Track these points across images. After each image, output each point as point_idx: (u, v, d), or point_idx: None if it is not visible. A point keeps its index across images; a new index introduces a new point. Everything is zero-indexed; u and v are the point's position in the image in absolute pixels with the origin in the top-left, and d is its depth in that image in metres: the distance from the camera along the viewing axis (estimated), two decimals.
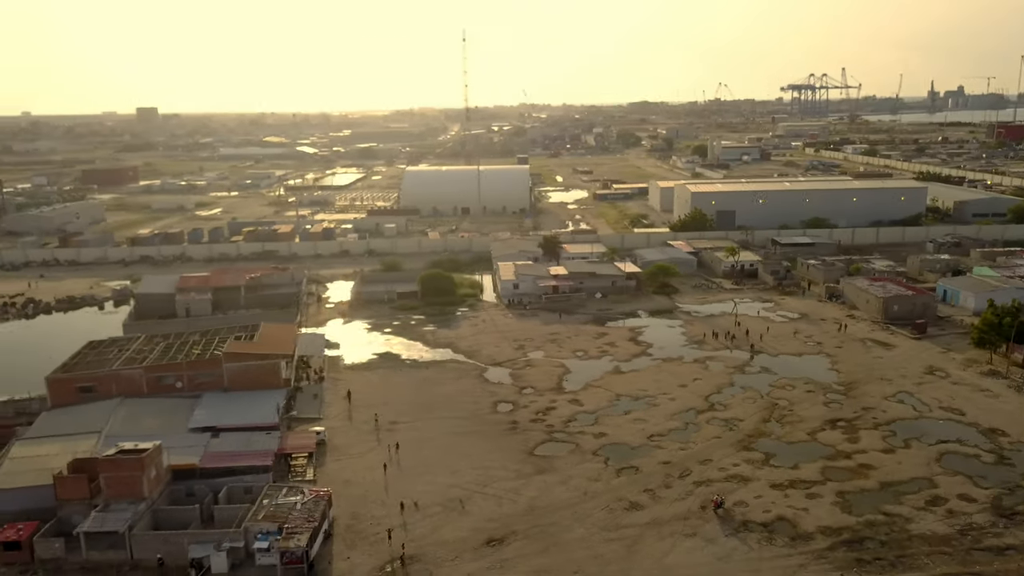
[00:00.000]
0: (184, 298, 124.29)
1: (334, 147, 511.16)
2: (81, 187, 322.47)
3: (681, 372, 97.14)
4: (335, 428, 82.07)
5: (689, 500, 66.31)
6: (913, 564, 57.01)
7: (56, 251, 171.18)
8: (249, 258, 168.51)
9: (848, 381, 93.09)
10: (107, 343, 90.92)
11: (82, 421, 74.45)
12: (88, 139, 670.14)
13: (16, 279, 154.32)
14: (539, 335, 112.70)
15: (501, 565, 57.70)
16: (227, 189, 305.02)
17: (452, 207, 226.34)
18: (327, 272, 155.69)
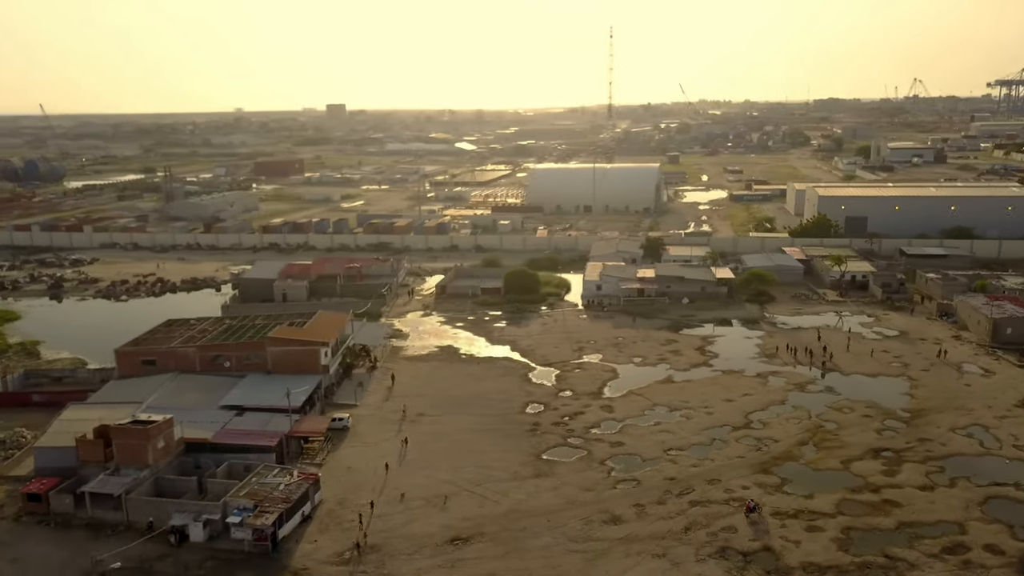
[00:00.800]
0: (282, 284, 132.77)
1: (492, 144, 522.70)
2: (252, 177, 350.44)
3: (735, 385, 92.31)
4: (365, 416, 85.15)
5: (676, 520, 63.32)
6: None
7: (199, 236, 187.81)
8: (365, 249, 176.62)
9: (918, 408, 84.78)
10: (180, 322, 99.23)
11: (135, 391, 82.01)
12: (277, 133, 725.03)
13: (159, 260, 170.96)
14: (604, 338, 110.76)
15: (453, 564, 57.93)
16: (378, 183, 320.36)
17: (575, 205, 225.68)
18: (430, 265, 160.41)
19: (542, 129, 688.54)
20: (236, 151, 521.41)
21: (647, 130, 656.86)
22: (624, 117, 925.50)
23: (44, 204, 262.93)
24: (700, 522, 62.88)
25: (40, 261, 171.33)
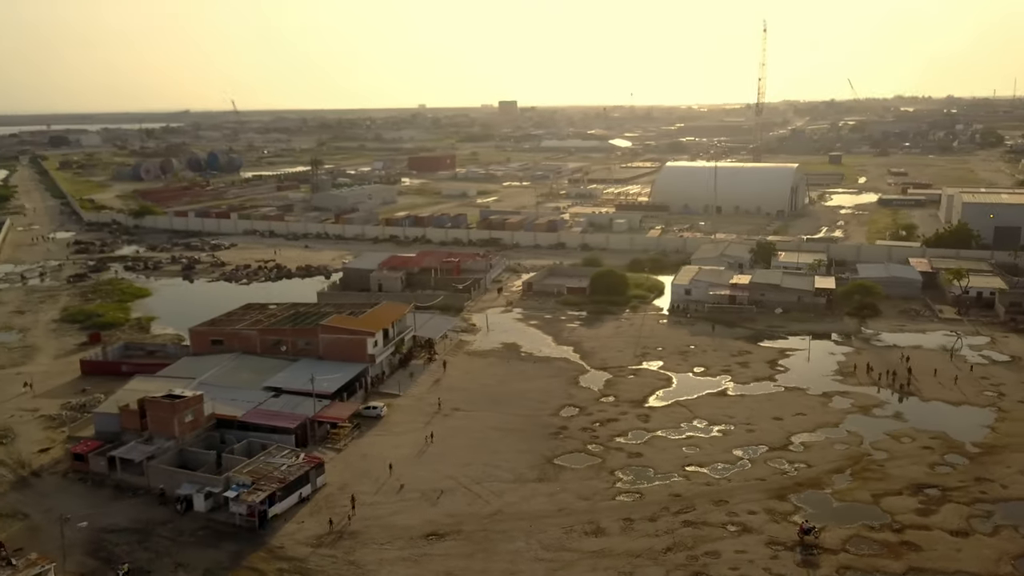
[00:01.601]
0: (378, 275, 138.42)
1: (647, 141, 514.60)
2: (405, 172, 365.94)
3: (792, 403, 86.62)
4: (403, 406, 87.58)
5: (660, 539, 60.69)
6: None
7: (328, 226, 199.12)
8: (476, 244, 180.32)
9: (992, 444, 76.03)
10: (257, 306, 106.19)
11: (197, 368, 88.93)
12: (446, 129, 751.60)
13: (290, 247, 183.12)
14: (674, 345, 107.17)
15: (417, 559, 58.75)
16: (519, 179, 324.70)
17: (703, 205, 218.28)
18: (531, 262, 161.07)
19: (709, 126, 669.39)
20: (402, 146, 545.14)
21: (822, 127, 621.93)
22: (804, 114, 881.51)
23: (212, 192, 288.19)
24: (685, 543, 59.92)
25: (186, 244, 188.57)
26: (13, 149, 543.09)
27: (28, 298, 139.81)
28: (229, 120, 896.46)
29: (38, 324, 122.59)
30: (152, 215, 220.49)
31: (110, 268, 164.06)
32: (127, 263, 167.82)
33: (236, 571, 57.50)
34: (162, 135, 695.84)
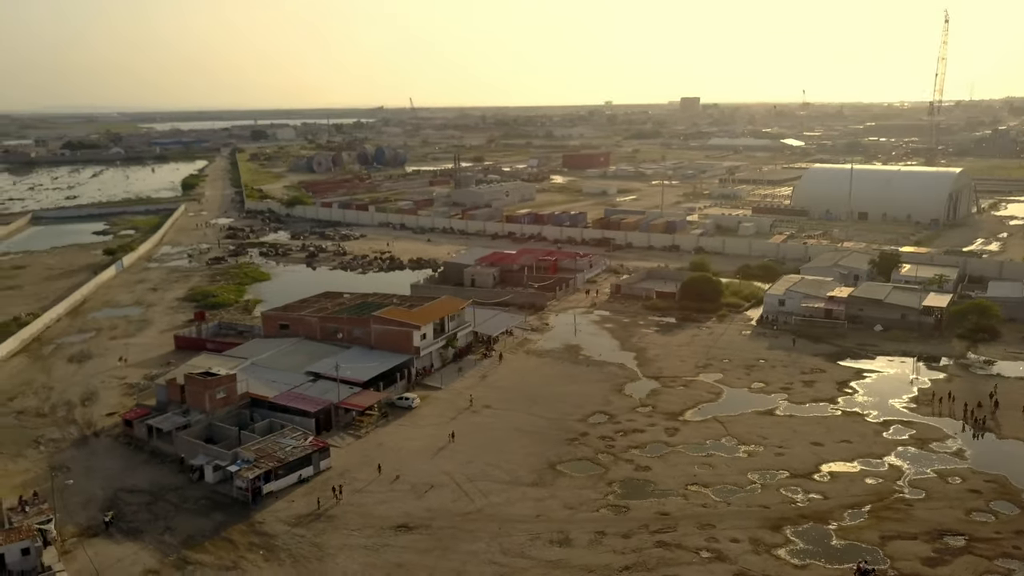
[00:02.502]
0: (471, 270, 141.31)
1: (822, 140, 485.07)
2: (557, 169, 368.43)
3: (841, 429, 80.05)
4: (438, 399, 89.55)
5: (624, 557, 58.61)
6: None
7: (453, 221, 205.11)
8: (588, 243, 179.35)
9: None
10: (333, 294, 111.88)
11: (259, 349, 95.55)
12: (618, 127, 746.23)
13: (409, 240, 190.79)
14: (743, 358, 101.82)
15: (377, 548, 60.32)
16: (668, 178, 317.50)
17: (847, 211, 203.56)
18: (636, 264, 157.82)
19: (902, 125, 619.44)
20: (567, 143, 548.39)
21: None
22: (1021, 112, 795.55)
23: (368, 185, 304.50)
24: (646, 564, 57.51)
25: (321, 233, 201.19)
26: (219, 142, 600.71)
27: (167, 277, 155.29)
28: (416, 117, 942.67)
29: (163, 301, 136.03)
30: (302, 205, 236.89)
31: (247, 253, 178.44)
32: (263, 249, 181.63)
33: (213, 540, 61.75)
34: (350, 130, 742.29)
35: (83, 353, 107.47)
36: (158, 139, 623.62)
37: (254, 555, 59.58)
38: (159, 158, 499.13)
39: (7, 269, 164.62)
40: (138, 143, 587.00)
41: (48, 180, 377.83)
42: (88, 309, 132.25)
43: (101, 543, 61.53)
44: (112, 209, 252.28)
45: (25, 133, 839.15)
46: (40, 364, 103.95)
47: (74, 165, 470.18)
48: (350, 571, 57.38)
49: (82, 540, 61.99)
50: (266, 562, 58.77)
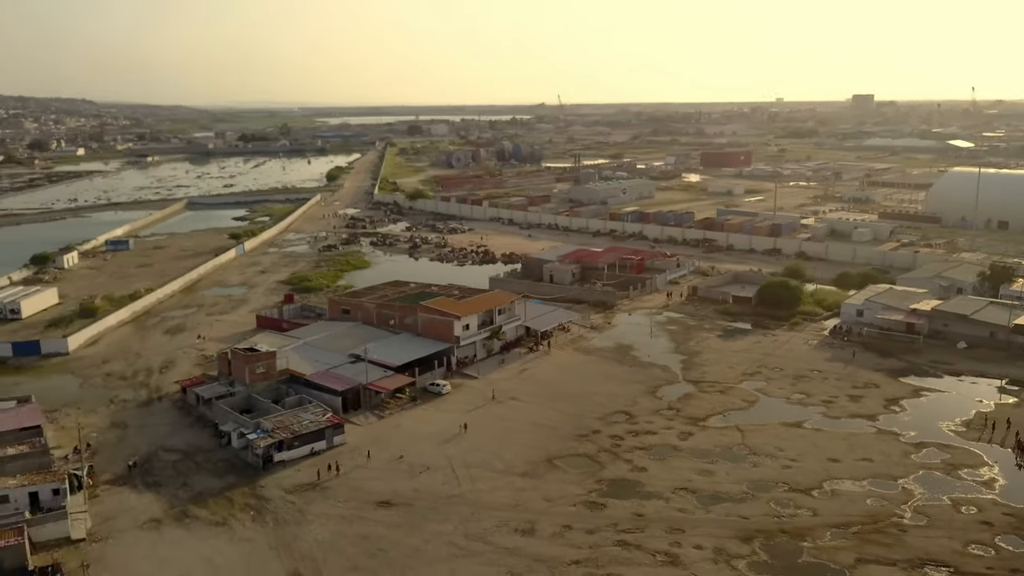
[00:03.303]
0: (550, 266, 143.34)
1: (996, 143, 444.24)
2: (694, 167, 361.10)
3: (867, 447, 76.18)
4: (472, 388, 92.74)
5: (578, 551, 59.45)
6: None
7: (558, 218, 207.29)
8: (688, 243, 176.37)
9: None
10: (401, 283, 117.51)
11: (317, 330, 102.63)
12: (775, 125, 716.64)
13: (512, 235, 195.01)
14: (796, 368, 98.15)
15: (352, 519, 64.35)
16: (806, 179, 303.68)
17: (986, 219, 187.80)
18: (727, 267, 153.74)
19: None
20: (714, 141, 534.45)
21: None
22: None
23: (497, 180, 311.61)
24: (597, 561, 58.14)
25: (432, 226, 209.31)
26: (377, 136, 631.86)
27: (279, 261, 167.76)
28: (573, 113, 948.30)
29: (266, 283, 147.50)
30: (423, 198, 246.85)
31: (359, 242, 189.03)
32: (373, 239, 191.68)
33: (216, 498, 68.15)
34: (503, 127, 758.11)
35: (178, 326, 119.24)
36: (322, 133, 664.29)
37: (244, 515, 65.32)
38: (319, 151, 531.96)
39: (148, 249, 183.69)
40: (303, 136, 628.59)
41: (216, 169, 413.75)
42: (200, 287, 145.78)
43: (125, 491, 69.48)
44: (257, 197, 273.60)
45: (213, 126, 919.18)
46: (140, 333, 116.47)
47: (245, 156, 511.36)
48: (320, 537, 61.75)
49: (113, 488, 70.17)
50: (252, 522, 64.31)
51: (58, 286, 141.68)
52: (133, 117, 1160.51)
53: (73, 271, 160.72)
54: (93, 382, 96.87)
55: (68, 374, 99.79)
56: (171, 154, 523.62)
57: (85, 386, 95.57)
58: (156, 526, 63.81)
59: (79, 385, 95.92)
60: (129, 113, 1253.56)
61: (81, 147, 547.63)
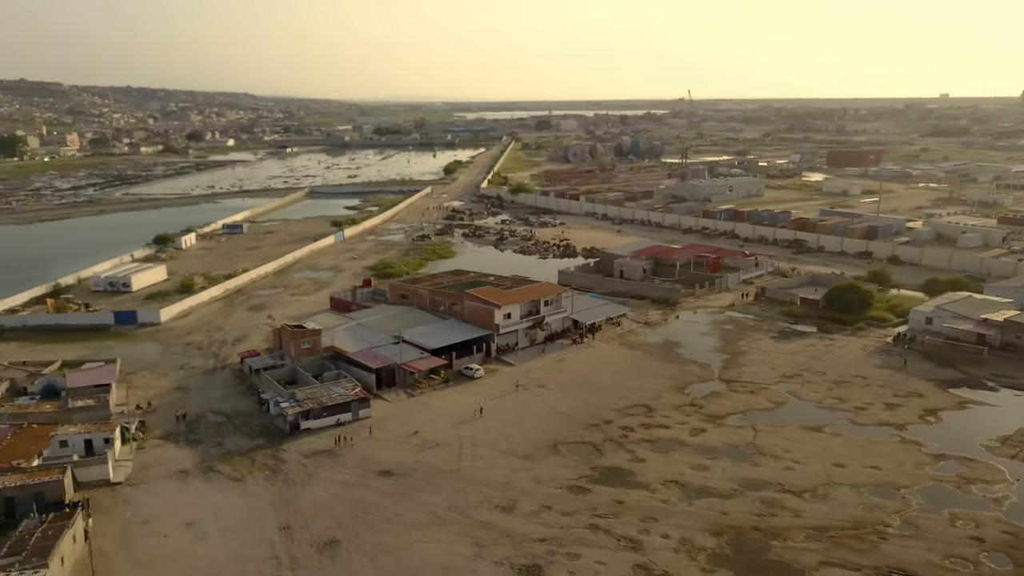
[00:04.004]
0: (620, 261, 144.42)
1: None
2: (818, 165, 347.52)
3: (881, 456, 74.07)
4: (505, 374, 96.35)
5: (547, 530, 61.99)
6: None
7: (651, 214, 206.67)
8: (779, 243, 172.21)
9: None
10: (461, 272, 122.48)
11: (374, 313, 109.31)
12: (926, 123, 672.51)
13: (602, 230, 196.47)
14: (840, 373, 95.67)
15: (352, 484, 69.52)
16: (937, 181, 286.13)
17: None
18: (808, 268, 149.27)
19: None
20: (852, 139, 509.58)
21: None
22: None
23: (605, 175, 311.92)
24: (562, 540, 60.59)
25: (525, 220, 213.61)
26: (505, 130, 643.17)
27: (372, 249, 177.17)
28: (709, 109, 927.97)
29: (353, 268, 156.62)
30: (525, 192, 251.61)
31: (452, 233, 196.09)
32: (465, 231, 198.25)
33: (241, 457, 75.34)
34: (633, 122, 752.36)
35: (261, 304, 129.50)
36: (453, 127, 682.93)
37: (260, 473, 72.06)
38: (447, 145, 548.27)
39: (260, 234, 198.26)
40: (435, 130, 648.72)
41: (347, 161, 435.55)
42: (293, 269, 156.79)
43: (168, 446, 77.97)
44: (373, 188, 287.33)
45: (357, 119, 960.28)
46: (227, 309, 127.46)
47: (378, 148, 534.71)
48: (317, 498, 67.45)
49: (159, 442, 78.88)
50: (264, 479, 70.89)
51: (171, 264, 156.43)
52: (287, 110, 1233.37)
53: (189, 251, 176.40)
54: (173, 350, 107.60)
55: (155, 342, 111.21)
56: (310, 145, 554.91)
57: (165, 353, 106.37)
58: (184, 477, 71.55)
59: (161, 352, 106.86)
60: (284, 106, 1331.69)
61: (232, 138, 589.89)
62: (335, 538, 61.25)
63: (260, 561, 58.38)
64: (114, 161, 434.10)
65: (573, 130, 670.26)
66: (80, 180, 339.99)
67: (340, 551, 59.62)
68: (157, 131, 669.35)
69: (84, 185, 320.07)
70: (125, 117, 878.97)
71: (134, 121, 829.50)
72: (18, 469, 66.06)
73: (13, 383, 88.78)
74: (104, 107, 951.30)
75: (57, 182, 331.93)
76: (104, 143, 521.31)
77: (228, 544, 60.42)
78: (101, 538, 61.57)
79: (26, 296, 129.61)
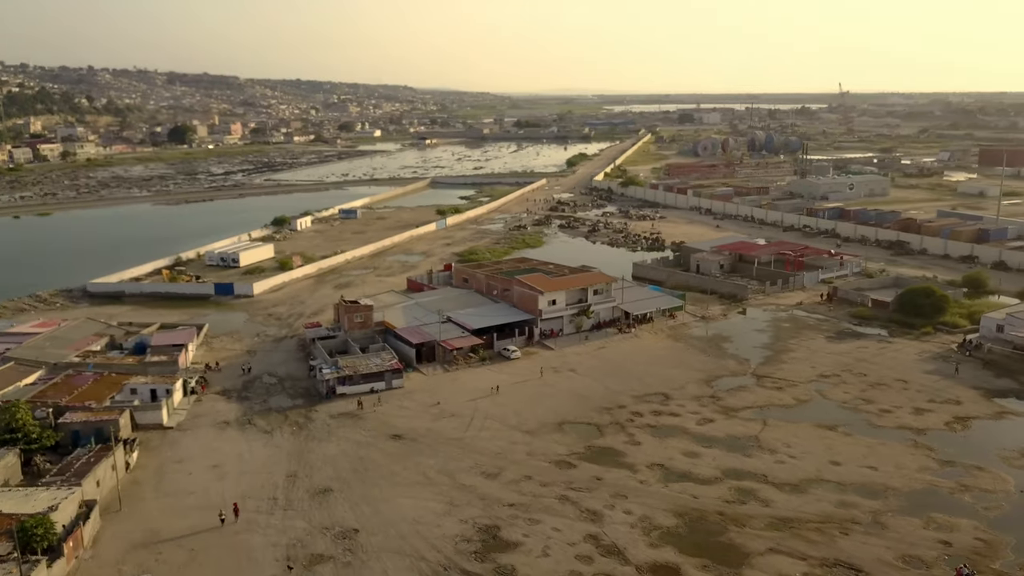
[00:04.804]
0: (698, 256, 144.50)
1: None
2: (968, 164, 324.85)
3: (883, 457, 72.81)
4: (542, 357, 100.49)
5: (520, 497, 66.29)
6: None
7: (755, 210, 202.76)
8: (880, 243, 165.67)
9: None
10: (523, 260, 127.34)
11: (437, 294, 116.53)
12: None
13: (701, 225, 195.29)
14: (881, 375, 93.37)
15: (362, 444, 76.34)
16: None
17: None
18: (903, 270, 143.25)
19: None
20: (1018, 136, 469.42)
21: None
22: None
23: (727, 170, 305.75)
24: (528, 507, 64.69)
25: (626, 212, 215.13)
26: (645, 124, 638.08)
27: (468, 236, 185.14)
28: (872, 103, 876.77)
29: (443, 253, 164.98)
30: (634, 185, 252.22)
31: (550, 224, 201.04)
32: (562, 222, 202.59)
33: (277, 414, 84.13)
34: (782, 117, 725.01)
35: (348, 283, 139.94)
36: (592, 120, 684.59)
37: (288, 428, 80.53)
38: (583, 138, 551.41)
39: (371, 219, 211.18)
40: (574, 124, 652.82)
41: (479, 153, 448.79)
42: (388, 253, 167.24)
43: (220, 400, 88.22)
44: (491, 180, 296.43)
45: (508, 112, 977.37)
46: (315, 287, 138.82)
47: (516, 141, 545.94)
48: (327, 453, 74.96)
49: (216, 396, 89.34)
50: (290, 434, 79.26)
51: (282, 244, 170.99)
52: (441, 103, 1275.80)
53: (303, 233, 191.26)
54: (256, 319, 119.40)
55: (243, 311, 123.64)
56: (451, 137, 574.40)
57: (249, 321, 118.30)
58: (224, 427, 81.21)
59: (245, 320, 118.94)
60: (440, 99, 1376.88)
61: (379, 129, 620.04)
62: (330, 487, 68.37)
63: (261, 500, 66.32)
64: (268, 149, 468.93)
65: (716, 124, 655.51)
66: (233, 166, 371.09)
67: (330, 498, 66.63)
68: (313, 121, 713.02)
69: (235, 171, 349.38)
70: (290, 108, 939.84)
71: (297, 112, 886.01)
72: (88, 408, 77.63)
73: (112, 339, 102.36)
74: (272, 99, 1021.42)
75: (214, 168, 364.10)
76: (263, 132, 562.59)
77: (240, 485, 68.83)
78: (141, 470, 71.87)
79: (150, 267, 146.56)
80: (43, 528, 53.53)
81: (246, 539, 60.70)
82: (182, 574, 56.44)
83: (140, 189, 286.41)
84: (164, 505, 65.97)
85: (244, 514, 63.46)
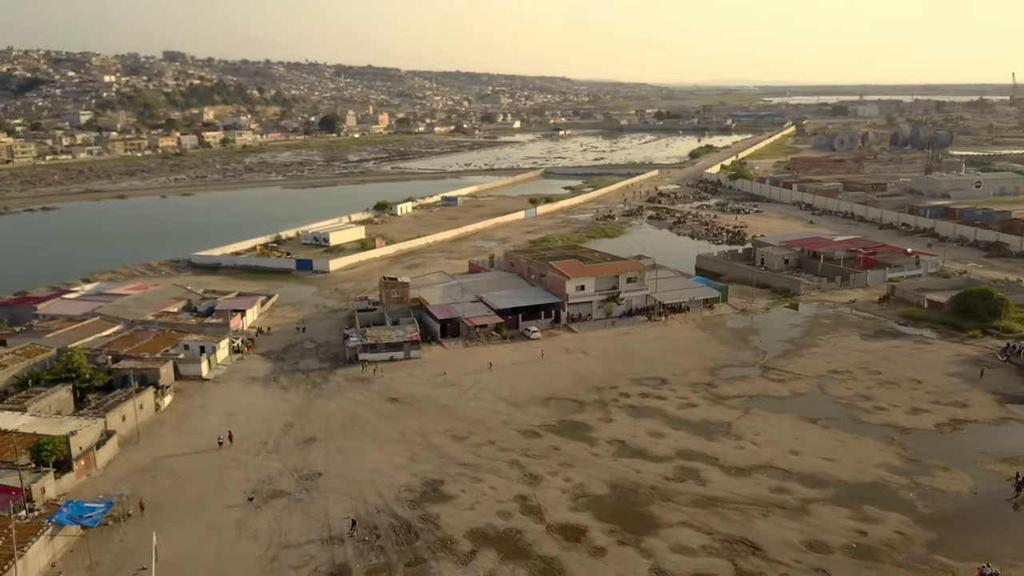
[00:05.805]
0: (763, 251, 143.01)
1: None
2: None
3: (854, 451, 72.55)
4: (562, 338, 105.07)
5: (480, 460, 71.91)
6: None
7: (855, 207, 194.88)
8: (978, 244, 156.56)
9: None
10: (570, 247, 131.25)
11: (482, 276, 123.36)
12: None
13: (796, 220, 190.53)
14: (895, 374, 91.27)
15: (360, 404, 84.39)
16: None
17: None
18: (987, 273, 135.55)
19: None
20: None
21: None
22: None
23: (855, 166, 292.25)
24: (478, 467, 70.02)
25: (721, 206, 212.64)
26: (792, 116, 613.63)
27: (551, 224, 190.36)
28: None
29: (518, 240, 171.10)
30: (742, 179, 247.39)
31: (640, 215, 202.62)
32: (651, 214, 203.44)
33: (300, 374, 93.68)
34: (950, 109, 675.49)
35: (419, 264, 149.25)
36: (735, 112, 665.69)
37: (306, 386, 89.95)
38: (723, 130, 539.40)
39: (469, 207, 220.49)
40: (717, 115, 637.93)
41: (608, 144, 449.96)
42: (469, 239, 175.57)
43: (259, 360, 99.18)
44: (601, 171, 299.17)
45: (660, 103, 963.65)
46: (388, 266, 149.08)
47: (653, 132, 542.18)
48: (327, 409, 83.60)
49: (257, 356, 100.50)
50: (304, 392, 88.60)
51: (378, 227, 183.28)
52: (595, 94, 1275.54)
53: (400, 218, 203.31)
54: (323, 292, 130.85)
55: (315, 285, 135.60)
56: (588, 129, 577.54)
57: (316, 294, 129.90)
58: (251, 382, 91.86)
59: (313, 293, 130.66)
60: (596, 90, 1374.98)
61: (519, 120, 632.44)
62: (314, 437, 76.88)
63: (254, 443, 75.74)
64: (409, 139, 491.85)
65: (871, 117, 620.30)
66: (369, 154, 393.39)
67: (311, 446, 75.11)
68: (460, 112, 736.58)
69: (369, 159, 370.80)
70: (444, 99, 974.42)
71: (451, 104, 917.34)
72: (139, 358, 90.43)
73: (189, 303, 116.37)
74: (428, 90, 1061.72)
75: (351, 156, 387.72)
76: (407, 123, 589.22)
77: (242, 429, 78.60)
78: (170, 412, 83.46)
79: (251, 243, 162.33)
80: (53, 446, 64.94)
81: (228, 473, 70.15)
82: (166, 494, 66.47)
83: (278, 174, 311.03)
84: (176, 441, 76.85)
85: (235, 453, 73.13)
